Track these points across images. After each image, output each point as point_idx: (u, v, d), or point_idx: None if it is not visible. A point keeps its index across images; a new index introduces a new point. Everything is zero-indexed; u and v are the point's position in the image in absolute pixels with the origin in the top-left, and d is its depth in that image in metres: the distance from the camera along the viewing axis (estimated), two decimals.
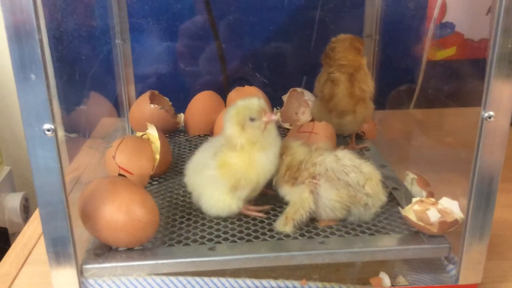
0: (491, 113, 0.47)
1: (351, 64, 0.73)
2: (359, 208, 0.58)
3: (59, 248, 0.49)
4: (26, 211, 1.02)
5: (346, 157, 0.59)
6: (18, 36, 0.42)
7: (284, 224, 0.57)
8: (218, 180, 0.59)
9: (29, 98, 0.44)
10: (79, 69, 0.77)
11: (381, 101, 0.80)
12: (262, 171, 0.58)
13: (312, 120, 0.78)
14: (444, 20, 1.05)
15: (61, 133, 0.47)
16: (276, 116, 0.59)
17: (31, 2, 0.41)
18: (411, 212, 0.55)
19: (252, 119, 0.57)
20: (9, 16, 0.41)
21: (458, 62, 1.08)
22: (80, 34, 0.77)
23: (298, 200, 0.58)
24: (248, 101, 0.58)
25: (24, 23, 0.41)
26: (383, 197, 0.60)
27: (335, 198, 0.57)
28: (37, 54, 0.42)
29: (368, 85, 0.74)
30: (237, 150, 0.58)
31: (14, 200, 0.98)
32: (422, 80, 1.00)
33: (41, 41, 0.42)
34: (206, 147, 0.63)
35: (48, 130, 0.44)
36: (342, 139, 0.84)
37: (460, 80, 1.05)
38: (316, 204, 0.57)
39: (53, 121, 0.44)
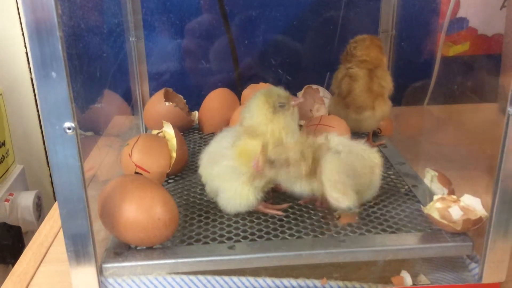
0: None
1: (372, 61, 0.72)
2: (375, 182, 0.60)
3: (79, 247, 0.49)
4: (39, 209, 1.02)
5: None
6: (39, 33, 0.41)
7: (345, 197, 0.55)
8: (236, 170, 0.58)
9: (50, 96, 0.43)
10: (94, 67, 0.77)
11: (397, 97, 0.79)
12: None
13: None
14: (457, 16, 1.04)
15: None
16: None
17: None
18: (434, 210, 0.55)
19: (281, 105, 0.58)
20: (30, 14, 0.41)
21: (472, 57, 1.07)
22: (94, 32, 0.76)
23: (332, 165, 0.56)
24: (272, 89, 0.60)
25: (45, 21, 0.41)
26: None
27: (358, 164, 0.58)
28: (58, 52, 0.42)
29: (387, 82, 0.74)
30: (266, 137, 0.57)
31: (27, 199, 0.99)
32: (436, 76, 0.99)
33: (62, 38, 0.42)
34: (222, 136, 0.63)
35: (69, 129, 0.44)
36: (358, 135, 0.83)
37: (474, 76, 1.04)
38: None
39: (74, 119, 0.44)
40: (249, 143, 0.58)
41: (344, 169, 0.56)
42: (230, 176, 0.58)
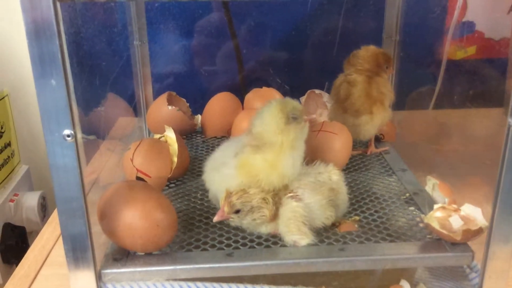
0: None
1: (368, 71, 0.72)
2: (341, 198, 0.59)
3: (77, 253, 0.49)
4: (44, 209, 1.02)
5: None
6: (39, 42, 0.42)
7: (302, 237, 0.56)
8: (236, 178, 0.58)
9: (49, 103, 0.44)
10: (98, 71, 0.77)
11: (400, 102, 0.79)
12: (285, 173, 0.58)
13: None
14: (464, 19, 1.03)
15: (79, 135, 0.47)
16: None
17: (51, 7, 0.41)
18: (433, 219, 0.54)
19: (294, 117, 0.57)
20: (30, 21, 0.41)
21: (479, 61, 1.07)
22: (98, 36, 0.77)
23: (289, 213, 0.56)
24: (288, 100, 0.59)
25: (45, 29, 0.41)
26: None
27: (322, 197, 0.57)
28: (58, 60, 0.42)
29: (387, 89, 0.73)
30: (274, 148, 0.57)
31: (31, 199, 0.99)
32: (442, 80, 0.99)
33: (61, 46, 0.42)
34: (227, 145, 0.63)
35: (68, 136, 0.44)
36: (361, 142, 0.83)
37: (480, 80, 1.03)
38: (310, 214, 0.57)
39: (73, 127, 0.44)
40: (251, 158, 0.58)
41: (300, 214, 0.56)
42: (229, 183, 0.58)
